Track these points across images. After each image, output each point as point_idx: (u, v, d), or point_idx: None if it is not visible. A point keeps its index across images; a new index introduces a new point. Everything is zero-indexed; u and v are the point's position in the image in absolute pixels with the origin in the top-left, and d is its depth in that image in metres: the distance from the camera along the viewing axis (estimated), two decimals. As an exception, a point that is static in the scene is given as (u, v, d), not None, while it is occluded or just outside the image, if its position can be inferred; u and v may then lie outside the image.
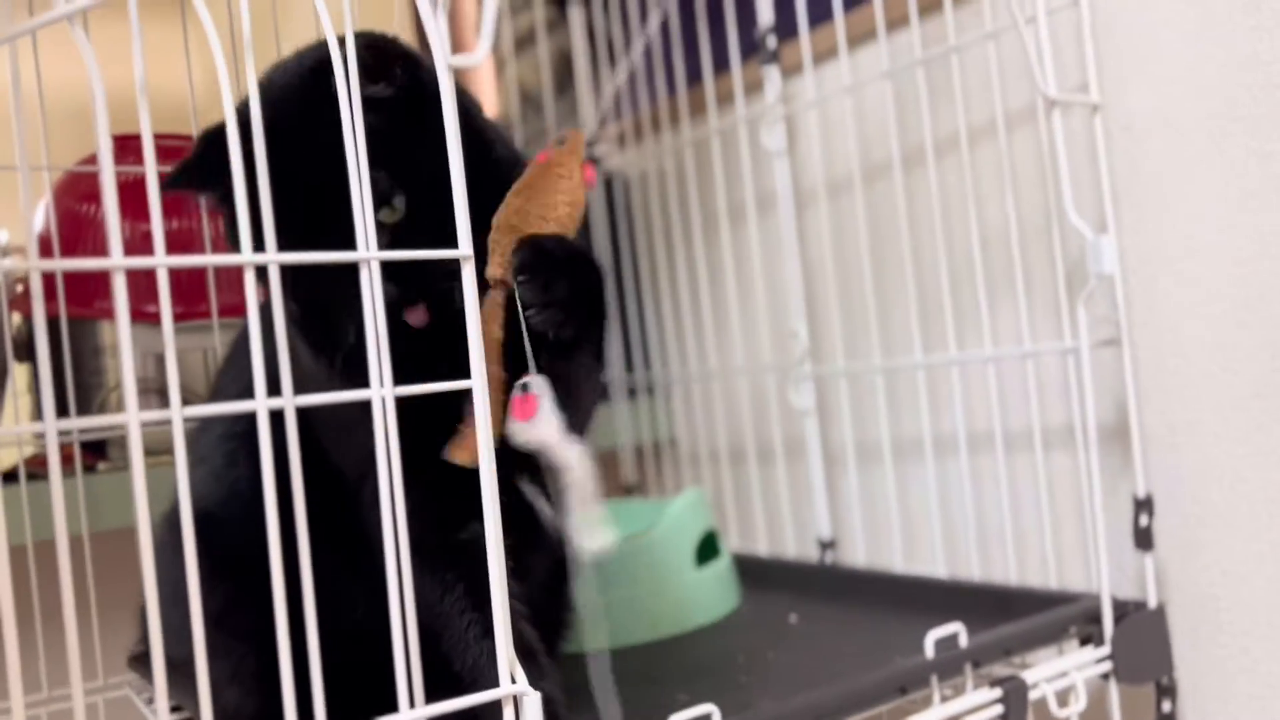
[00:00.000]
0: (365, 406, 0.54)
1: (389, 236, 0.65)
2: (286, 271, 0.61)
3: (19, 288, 1.28)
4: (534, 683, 0.70)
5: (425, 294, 0.65)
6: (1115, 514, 0.92)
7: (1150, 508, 0.88)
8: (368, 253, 0.53)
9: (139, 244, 1.21)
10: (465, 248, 0.54)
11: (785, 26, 1.16)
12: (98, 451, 1.15)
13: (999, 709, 0.77)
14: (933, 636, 0.76)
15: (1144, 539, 0.87)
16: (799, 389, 1.17)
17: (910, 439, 1.10)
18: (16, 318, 1.18)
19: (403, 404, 0.55)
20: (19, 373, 1.32)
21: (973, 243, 0.96)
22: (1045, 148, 0.90)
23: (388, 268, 0.62)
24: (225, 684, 0.75)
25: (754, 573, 1.15)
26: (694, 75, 1.28)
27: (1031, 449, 0.99)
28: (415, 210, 0.66)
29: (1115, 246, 0.85)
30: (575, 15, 1.40)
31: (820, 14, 1.10)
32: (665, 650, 0.98)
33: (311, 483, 0.67)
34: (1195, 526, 0.89)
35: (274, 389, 0.52)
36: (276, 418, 0.51)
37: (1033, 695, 0.78)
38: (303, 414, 0.65)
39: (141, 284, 1.19)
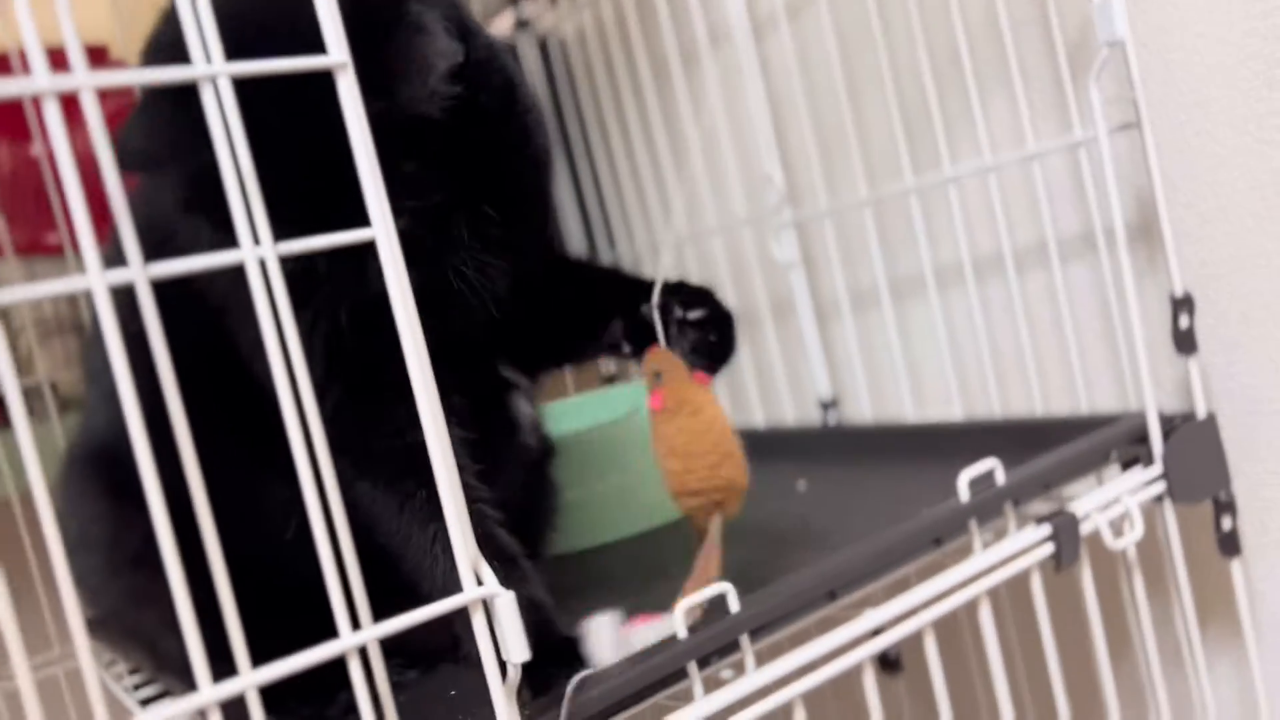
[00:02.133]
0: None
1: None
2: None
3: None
4: (513, 587, 0.61)
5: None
6: (1148, 322, 0.81)
7: (1190, 306, 0.77)
8: (256, 250, 0.41)
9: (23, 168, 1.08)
10: (378, 227, 0.43)
11: None
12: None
13: (1049, 547, 0.67)
14: (966, 476, 0.66)
15: (1185, 342, 0.77)
16: (780, 239, 1.05)
17: (907, 276, 1.00)
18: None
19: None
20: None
21: (957, 33, 0.84)
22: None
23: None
24: (164, 632, 0.65)
25: (753, 445, 1.03)
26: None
27: (1039, 266, 0.89)
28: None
29: (1124, 7, 0.73)
30: None
31: None
32: (666, 537, 0.89)
33: (228, 383, 0.57)
34: (1237, 324, 0.79)
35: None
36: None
37: (1084, 528, 0.69)
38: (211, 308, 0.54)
39: (34, 214, 1.06)
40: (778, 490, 0.93)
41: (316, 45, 0.43)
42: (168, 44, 0.56)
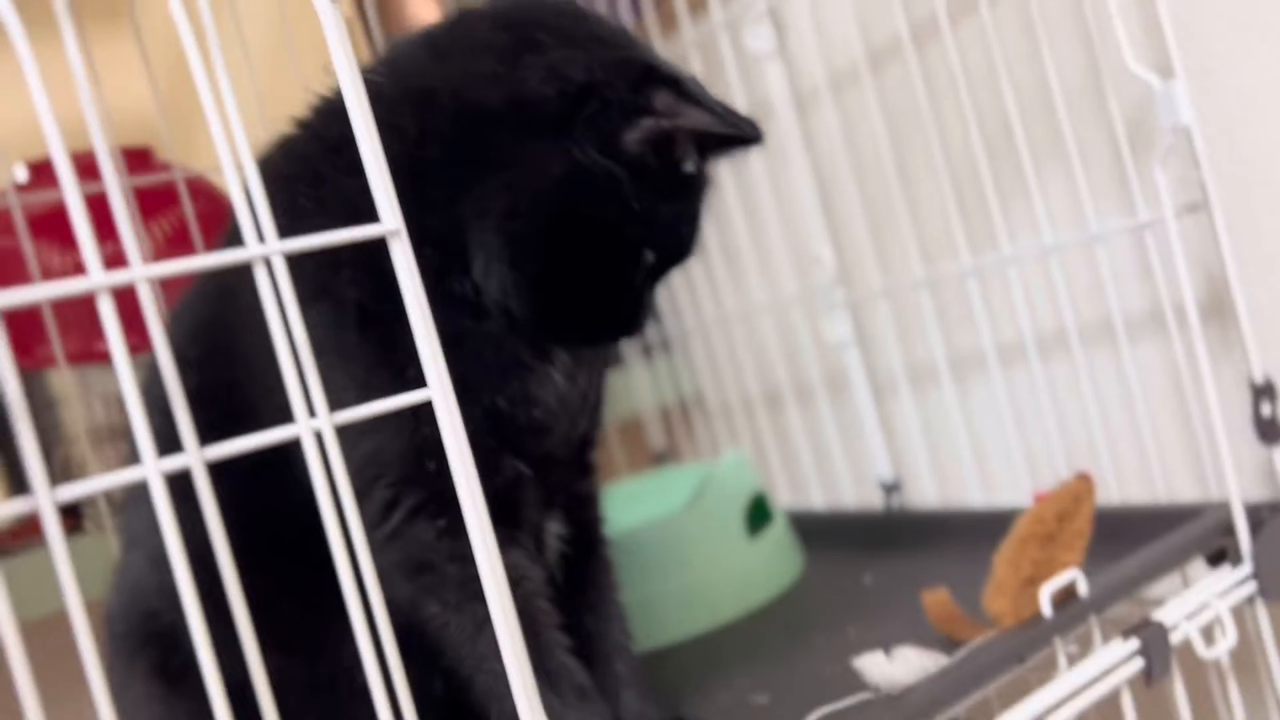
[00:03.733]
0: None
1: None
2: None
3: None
4: (587, 721, 0.60)
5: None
6: (1223, 406, 0.78)
7: (1272, 393, 0.74)
8: (264, 247, 0.40)
9: (72, 275, 1.08)
10: (390, 221, 0.42)
11: (752, -89, 1.01)
12: (71, 515, 1.03)
13: (1139, 663, 0.64)
14: (1047, 590, 0.63)
15: (1269, 430, 0.74)
16: (832, 319, 1.03)
17: (966, 355, 0.97)
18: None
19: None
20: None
21: (1009, 109, 0.82)
22: (1083, -10, 0.76)
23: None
24: None
25: (814, 531, 1.03)
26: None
27: (1106, 346, 0.85)
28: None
29: (1187, 93, 0.71)
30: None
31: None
32: (729, 639, 0.87)
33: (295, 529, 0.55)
34: (1323, 406, 0.76)
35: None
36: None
37: (1173, 638, 0.66)
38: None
39: (85, 321, 1.06)
40: (843, 584, 0.91)
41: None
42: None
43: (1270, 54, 0.72)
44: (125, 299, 0.37)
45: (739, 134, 0.56)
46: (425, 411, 0.44)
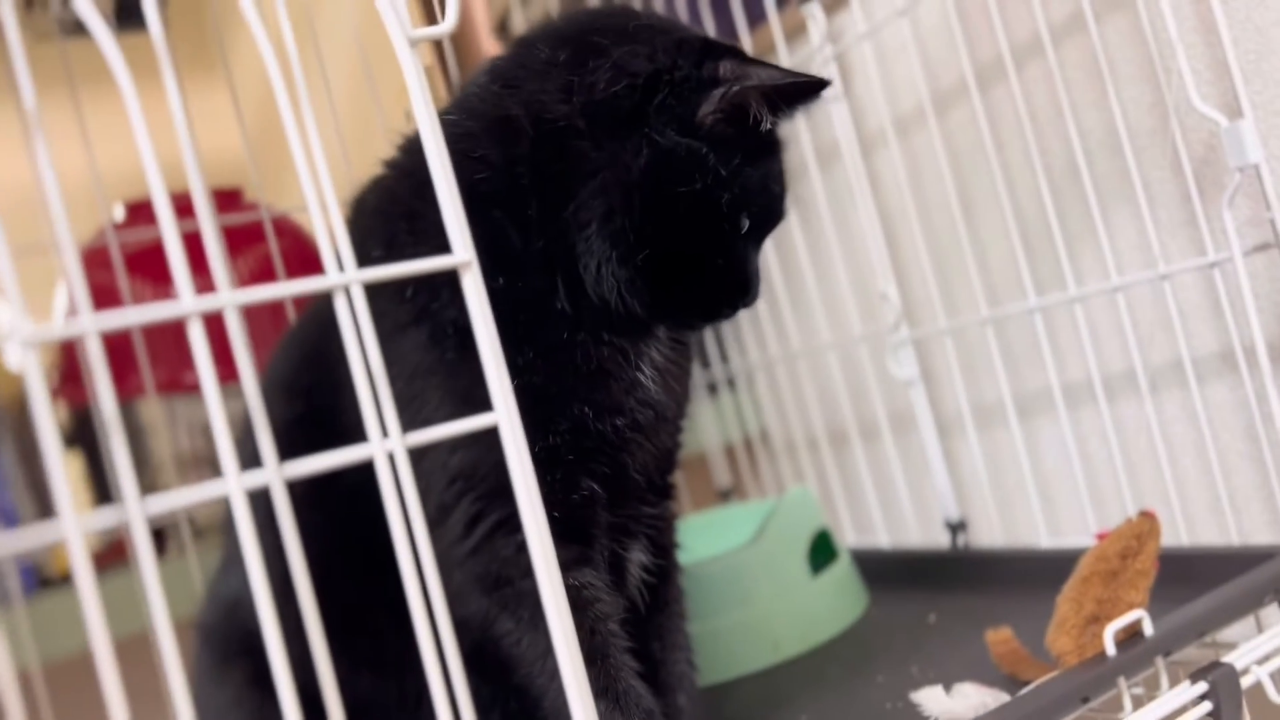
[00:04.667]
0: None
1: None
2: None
3: (55, 374, 1.22)
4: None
5: None
6: (1299, 447, 0.77)
7: (1347, 436, 0.73)
8: (344, 276, 0.42)
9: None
10: (461, 253, 0.44)
11: (819, -42, 1.03)
12: (157, 540, 1.07)
13: (1207, 706, 0.63)
14: (1111, 629, 0.62)
15: (1345, 473, 0.73)
16: (898, 357, 1.03)
17: (1032, 394, 0.96)
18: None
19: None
20: (69, 462, 1.25)
21: (1077, 156, 0.82)
22: (1149, 31, 0.76)
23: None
24: None
25: (878, 569, 1.02)
26: (729, 37, 1.16)
27: (1175, 386, 0.85)
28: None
29: (1255, 131, 0.71)
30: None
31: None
32: (790, 674, 0.87)
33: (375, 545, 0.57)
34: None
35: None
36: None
37: (1245, 682, 0.65)
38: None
39: (174, 353, 1.11)
40: (908, 622, 0.90)
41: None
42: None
43: (1341, 92, 0.72)
44: (215, 332, 0.40)
45: (806, 83, 0.58)
46: None
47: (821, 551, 0.98)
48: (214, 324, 0.40)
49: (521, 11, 1.26)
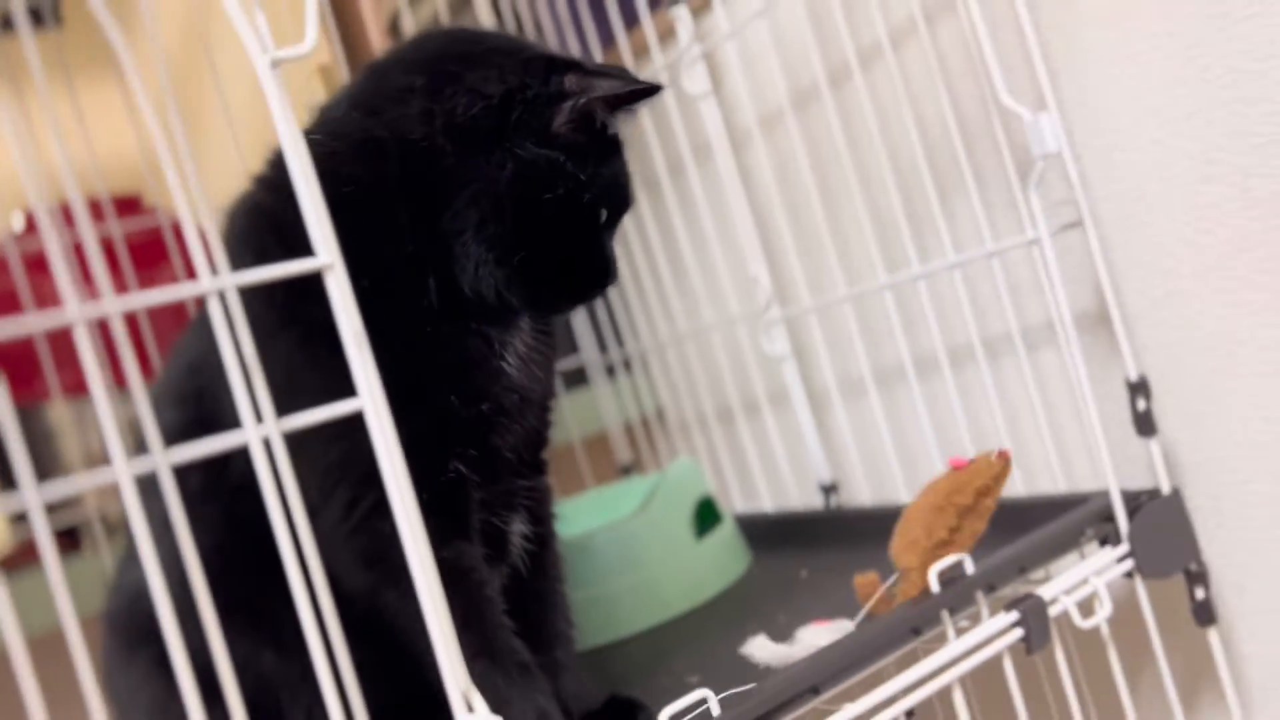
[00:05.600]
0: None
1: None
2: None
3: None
4: (525, 696, 0.66)
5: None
6: (1116, 402, 0.86)
7: (1146, 390, 0.82)
8: (218, 281, 0.48)
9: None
10: (324, 256, 0.50)
11: (686, -37, 1.10)
12: (70, 538, 1.11)
13: (1018, 633, 0.72)
14: (934, 570, 0.71)
15: (1145, 424, 0.82)
16: (770, 335, 1.11)
17: (893, 365, 1.05)
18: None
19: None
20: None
21: (915, 149, 0.91)
22: (969, 34, 0.84)
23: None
24: None
25: (762, 531, 1.11)
26: (607, 38, 1.22)
27: (1013, 354, 0.94)
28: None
29: (1059, 123, 0.79)
30: (479, -5, 1.34)
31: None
32: (675, 631, 0.94)
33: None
34: (1200, 401, 0.84)
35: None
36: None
37: (1054, 610, 0.74)
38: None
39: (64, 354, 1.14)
40: (782, 578, 0.98)
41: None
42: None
43: (1133, 83, 0.81)
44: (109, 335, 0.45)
45: (643, 90, 0.65)
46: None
47: (706, 517, 1.06)
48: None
49: (411, 13, 1.30)
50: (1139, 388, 0.82)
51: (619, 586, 0.98)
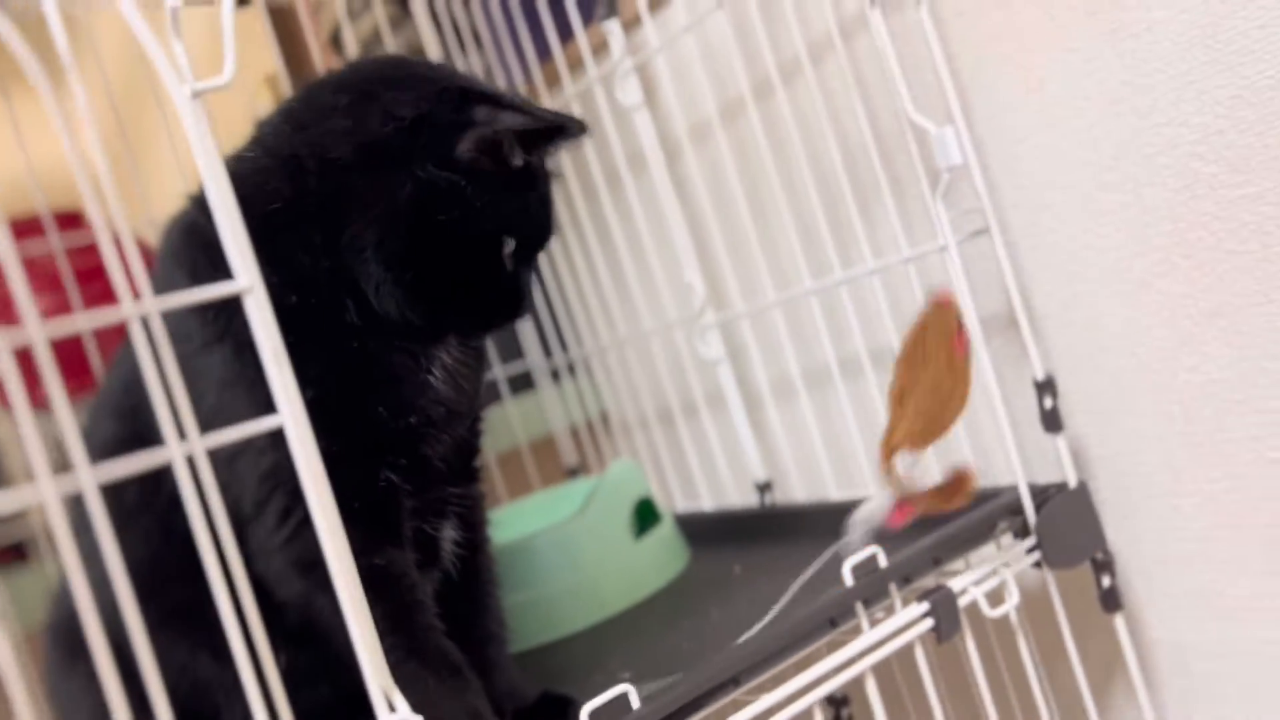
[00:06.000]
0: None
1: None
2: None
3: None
4: (455, 697, 0.69)
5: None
6: (1028, 399, 0.90)
7: (1053, 389, 0.86)
8: (140, 306, 0.51)
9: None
10: (243, 280, 0.52)
11: (618, -22, 1.13)
12: (18, 552, 1.12)
13: (929, 622, 0.75)
14: (849, 564, 0.75)
15: (1051, 421, 0.86)
16: (705, 339, 1.15)
17: (821, 366, 1.09)
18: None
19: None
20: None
21: (836, 159, 0.94)
22: (883, 49, 0.88)
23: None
24: None
25: (700, 529, 1.14)
26: (544, 52, 1.25)
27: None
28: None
29: (965, 136, 0.83)
30: (419, 7, 1.37)
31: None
32: (614, 628, 0.97)
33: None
34: (1105, 398, 0.88)
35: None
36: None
37: (963, 601, 0.77)
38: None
39: (23, 369, 1.16)
40: (717, 575, 1.02)
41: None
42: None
43: (1036, 97, 0.85)
44: (67, 346, 0.46)
45: (554, 125, 0.67)
46: (316, 428, 0.54)
47: (645, 517, 1.09)
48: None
49: (351, 27, 1.32)
50: (1045, 386, 0.86)
51: (559, 587, 1.01)
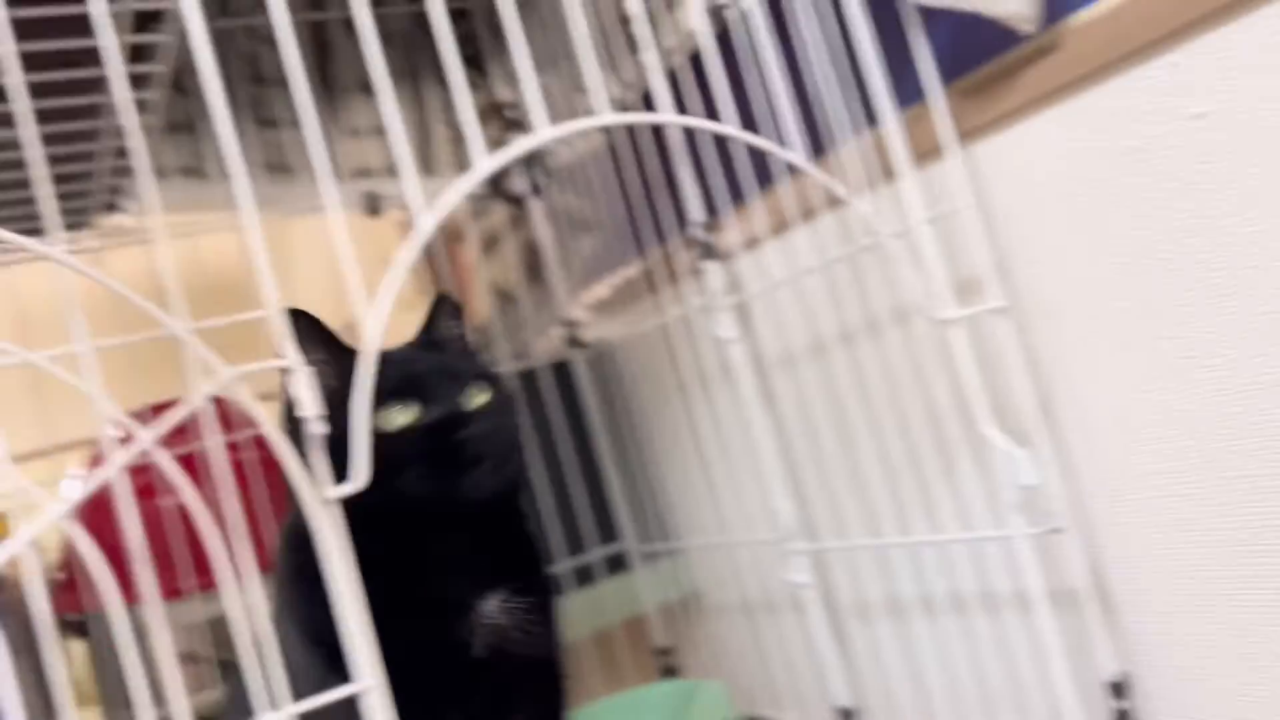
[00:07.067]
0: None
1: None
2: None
3: (59, 576, 1.38)
4: None
5: None
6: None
7: (1126, 689, 0.88)
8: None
9: (152, 520, 1.28)
10: (368, 679, 0.59)
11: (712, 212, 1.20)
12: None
13: None
14: None
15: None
16: (793, 565, 1.19)
17: (906, 602, 1.12)
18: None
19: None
20: (74, 654, 1.42)
21: (919, 419, 0.98)
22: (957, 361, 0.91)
23: None
24: None
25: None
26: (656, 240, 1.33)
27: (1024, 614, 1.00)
28: None
29: (1039, 457, 0.86)
30: (535, 205, 1.45)
31: (739, 199, 1.14)
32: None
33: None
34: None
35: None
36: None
37: None
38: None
39: (164, 563, 1.27)
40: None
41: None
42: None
43: (1108, 391, 0.87)
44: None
45: None
46: None
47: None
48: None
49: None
50: (1119, 688, 0.88)
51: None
